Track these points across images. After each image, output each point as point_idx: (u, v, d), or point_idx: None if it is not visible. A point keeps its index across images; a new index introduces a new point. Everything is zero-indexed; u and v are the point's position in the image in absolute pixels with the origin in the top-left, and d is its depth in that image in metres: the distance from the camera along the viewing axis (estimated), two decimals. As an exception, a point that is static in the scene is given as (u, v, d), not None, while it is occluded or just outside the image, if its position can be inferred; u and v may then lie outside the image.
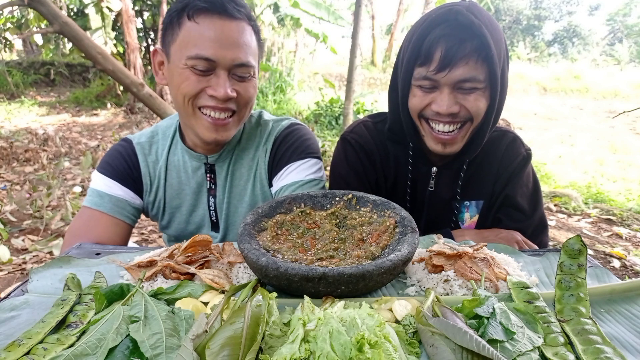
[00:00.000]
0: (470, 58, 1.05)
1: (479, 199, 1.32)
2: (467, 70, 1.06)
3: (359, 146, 1.33)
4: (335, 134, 7.67)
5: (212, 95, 1.11)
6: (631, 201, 4.74)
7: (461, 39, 1.04)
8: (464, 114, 1.12)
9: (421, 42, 1.08)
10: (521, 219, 1.27)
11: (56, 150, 6.13)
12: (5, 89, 10.61)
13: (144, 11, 10.58)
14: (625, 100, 12.12)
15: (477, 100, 1.10)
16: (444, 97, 1.09)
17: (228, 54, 1.09)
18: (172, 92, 1.18)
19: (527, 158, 1.31)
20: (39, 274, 0.86)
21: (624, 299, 0.79)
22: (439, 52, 1.06)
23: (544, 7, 27.20)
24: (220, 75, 1.10)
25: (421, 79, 1.11)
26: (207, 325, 0.63)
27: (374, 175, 1.32)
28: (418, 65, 1.11)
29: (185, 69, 1.10)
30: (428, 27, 1.08)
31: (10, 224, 3.54)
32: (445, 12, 1.07)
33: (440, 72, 1.07)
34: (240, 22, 1.12)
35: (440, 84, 1.09)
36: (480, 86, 1.09)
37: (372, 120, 1.39)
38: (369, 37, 18.87)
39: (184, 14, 1.10)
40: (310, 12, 9.45)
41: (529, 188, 1.31)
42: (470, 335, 0.59)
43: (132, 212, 1.30)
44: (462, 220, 1.33)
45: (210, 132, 1.17)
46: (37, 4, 4.79)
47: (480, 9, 1.09)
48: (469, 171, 1.29)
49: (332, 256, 0.86)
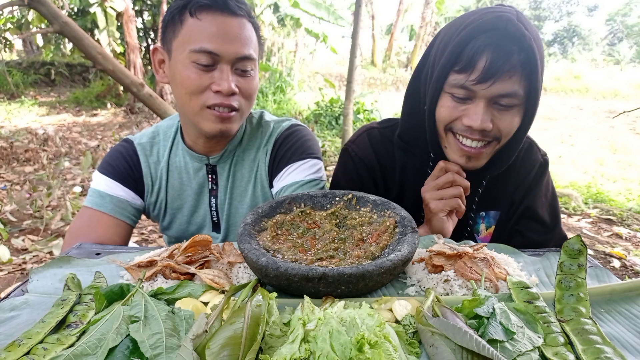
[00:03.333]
0: (515, 72, 0.97)
1: (497, 210, 1.25)
2: (509, 85, 0.97)
3: (359, 159, 1.27)
4: (335, 134, 7.67)
5: (217, 91, 1.12)
6: (631, 201, 4.74)
7: (509, 50, 0.95)
8: (494, 134, 1.03)
9: (462, 47, 0.98)
10: (543, 232, 1.22)
11: (56, 150, 6.13)
12: (5, 89, 10.61)
13: (144, 11, 10.58)
14: (625, 100, 12.12)
15: (512, 119, 1.02)
16: (479, 110, 1.00)
17: (230, 48, 1.11)
18: (174, 89, 1.18)
19: (545, 165, 1.26)
20: (39, 274, 0.86)
21: (624, 299, 0.79)
22: (483, 62, 0.96)
23: (544, 7, 27.20)
24: (223, 70, 1.12)
25: (456, 86, 1.01)
26: (207, 325, 0.63)
27: (374, 190, 1.24)
28: (456, 71, 1.00)
29: (188, 64, 1.11)
30: (473, 32, 0.98)
31: (10, 224, 3.54)
32: (494, 18, 0.97)
33: (481, 83, 0.97)
34: (241, 19, 1.14)
35: (476, 96, 1.00)
36: (518, 102, 1.00)
37: (380, 127, 1.31)
38: (369, 37, 18.90)
39: (186, 11, 1.11)
40: (310, 12, 9.45)
41: (548, 198, 1.26)
42: (470, 335, 0.59)
43: (133, 212, 1.30)
44: (477, 232, 1.27)
45: (215, 124, 1.16)
46: (37, 4, 4.79)
47: (527, 19, 1.00)
48: (488, 182, 1.22)
49: (332, 256, 0.86)
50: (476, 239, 1.27)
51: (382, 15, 38.49)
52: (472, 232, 1.27)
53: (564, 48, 26.79)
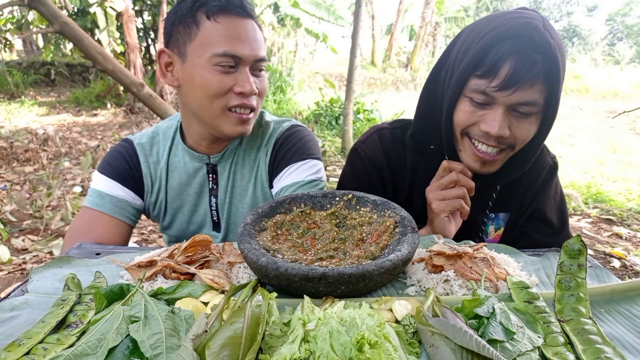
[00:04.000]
0: (537, 81, 0.95)
1: (507, 212, 1.25)
2: (530, 93, 0.96)
3: (368, 160, 1.26)
4: (335, 134, 7.67)
5: (241, 92, 1.13)
6: (631, 201, 4.74)
7: (534, 59, 0.93)
8: (510, 141, 1.03)
9: (485, 51, 0.97)
10: (551, 234, 1.22)
11: (56, 150, 6.13)
12: (5, 89, 10.61)
13: (144, 11, 10.58)
14: (625, 100, 12.13)
15: (529, 127, 1.01)
16: (497, 117, 0.99)
17: (250, 50, 1.13)
18: (190, 92, 1.16)
19: (555, 167, 1.26)
20: (39, 274, 0.86)
21: (624, 299, 0.79)
22: (506, 69, 0.94)
23: (544, 7, 27.21)
24: (243, 72, 1.14)
25: (477, 91, 0.99)
26: (207, 325, 0.63)
27: (382, 192, 1.25)
28: (477, 75, 0.99)
29: (209, 68, 1.11)
30: (497, 37, 0.96)
31: (10, 224, 3.54)
32: (520, 25, 0.95)
33: (502, 90, 0.96)
34: (252, 20, 1.16)
35: (496, 102, 0.99)
36: (537, 111, 0.99)
37: (390, 127, 1.29)
38: (369, 37, 18.90)
39: (200, 13, 1.11)
40: (310, 12, 9.46)
41: (557, 200, 1.26)
42: (470, 335, 0.59)
43: (132, 212, 1.30)
44: (486, 234, 1.27)
45: (236, 127, 1.18)
46: (37, 4, 4.79)
47: (553, 27, 0.98)
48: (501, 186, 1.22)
49: (332, 256, 0.86)
50: (485, 240, 1.26)
51: (382, 15, 38.52)
52: (482, 234, 1.26)
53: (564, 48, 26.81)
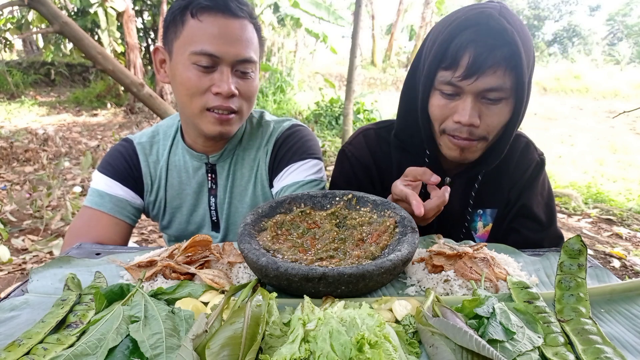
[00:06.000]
0: (499, 67, 0.98)
1: (493, 207, 1.27)
2: (494, 79, 0.99)
3: (355, 159, 1.29)
4: (335, 134, 7.67)
5: (217, 93, 1.12)
6: (631, 201, 4.74)
7: (491, 45, 0.97)
8: (481, 132, 1.05)
9: (447, 44, 1.01)
10: (539, 230, 1.23)
11: (56, 150, 6.13)
12: (5, 89, 10.61)
13: (144, 11, 10.58)
14: (625, 100, 12.13)
15: (500, 112, 1.04)
16: (467, 106, 1.02)
17: (231, 50, 1.11)
18: (175, 89, 1.19)
19: (541, 164, 1.27)
20: (39, 274, 0.86)
21: (624, 299, 0.78)
22: (466, 58, 0.98)
23: (543, 7, 27.22)
24: (223, 72, 1.12)
25: (444, 83, 1.04)
26: (207, 325, 0.63)
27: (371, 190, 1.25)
28: (442, 68, 1.03)
29: (188, 66, 1.11)
30: (456, 29, 1.00)
31: (10, 224, 3.54)
32: (475, 14, 0.99)
33: (466, 79, 1.00)
34: (242, 20, 1.14)
35: (463, 92, 1.03)
36: (505, 96, 1.02)
37: (375, 128, 1.33)
38: (369, 37, 18.90)
39: (187, 12, 1.11)
40: (310, 12, 9.44)
41: (544, 197, 1.27)
42: (470, 335, 0.59)
43: (132, 212, 1.30)
44: (474, 229, 1.29)
45: (215, 126, 1.17)
46: (37, 4, 4.79)
47: (512, 13, 1.02)
48: (483, 179, 1.24)
49: (332, 256, 0.86)
50: (474, 236, 1.29)
51: (382, 15, 38.47)
52: (470, 229, 1.28)
53: (564, 48, 26.80)
